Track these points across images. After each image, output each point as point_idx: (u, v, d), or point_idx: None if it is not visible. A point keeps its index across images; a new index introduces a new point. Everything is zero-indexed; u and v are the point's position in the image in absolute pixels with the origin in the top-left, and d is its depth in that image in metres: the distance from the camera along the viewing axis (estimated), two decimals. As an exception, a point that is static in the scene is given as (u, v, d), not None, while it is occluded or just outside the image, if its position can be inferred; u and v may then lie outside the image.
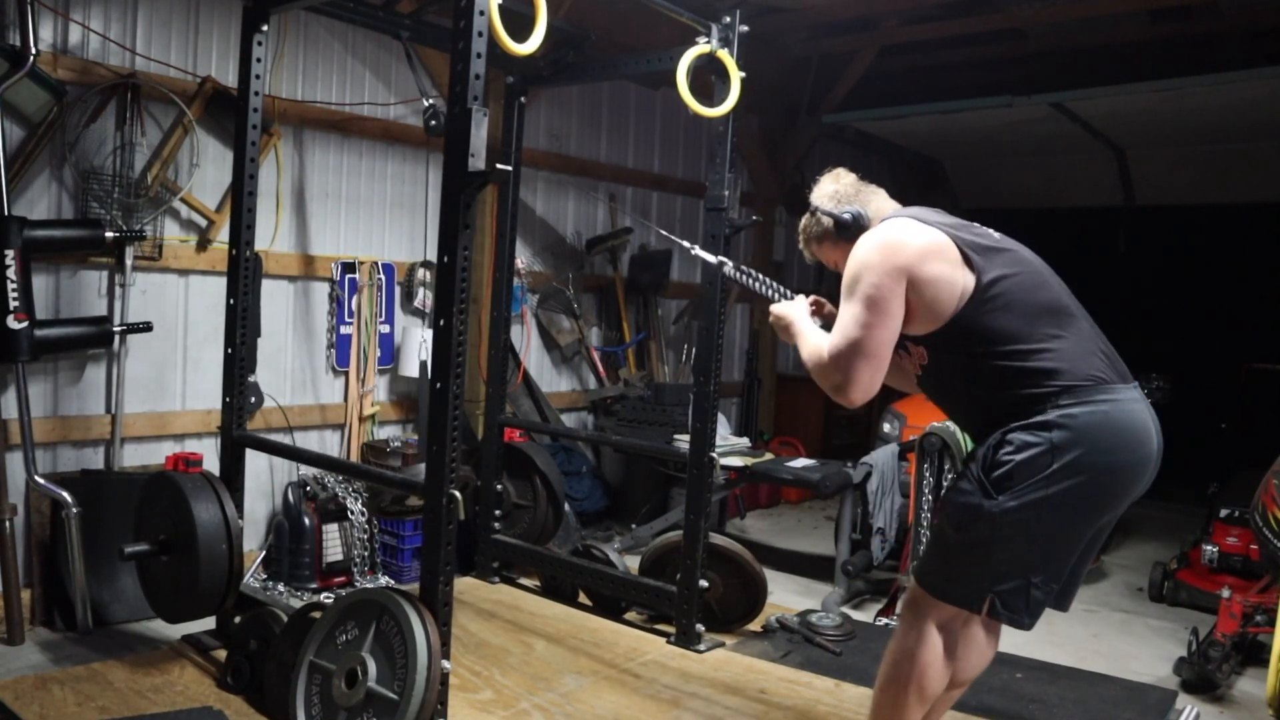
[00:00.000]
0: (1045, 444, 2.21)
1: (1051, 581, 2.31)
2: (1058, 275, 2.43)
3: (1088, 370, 2.26)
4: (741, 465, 4.84)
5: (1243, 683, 3.90)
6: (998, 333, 2.28)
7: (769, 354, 7.44)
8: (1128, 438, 2.26)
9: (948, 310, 2.29)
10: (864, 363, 2.29)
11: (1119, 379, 2.31)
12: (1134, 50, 6.23)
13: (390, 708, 2.58)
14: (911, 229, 2.34)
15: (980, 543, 2.28)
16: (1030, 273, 2.36)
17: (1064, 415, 2.22)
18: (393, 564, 4.56)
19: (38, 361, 3.70)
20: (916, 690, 2.38)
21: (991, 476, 2.26)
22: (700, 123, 3.99)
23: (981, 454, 2.32)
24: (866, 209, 2.50)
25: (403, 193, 4.98)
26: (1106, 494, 2.29)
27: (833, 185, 2.57)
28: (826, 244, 2.59)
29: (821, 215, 2.55)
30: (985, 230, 2.44)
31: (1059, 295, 2.37)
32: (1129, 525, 6.29)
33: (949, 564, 2.37)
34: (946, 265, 2.29)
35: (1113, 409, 2.25)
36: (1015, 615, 2.31)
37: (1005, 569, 2.27)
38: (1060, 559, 2.32)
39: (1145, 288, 9.04)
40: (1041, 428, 2.23)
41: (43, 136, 3.69)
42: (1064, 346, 2.28)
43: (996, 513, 2.24)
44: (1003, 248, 2.38)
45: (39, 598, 3.73)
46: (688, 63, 3.57)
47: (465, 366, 2.79)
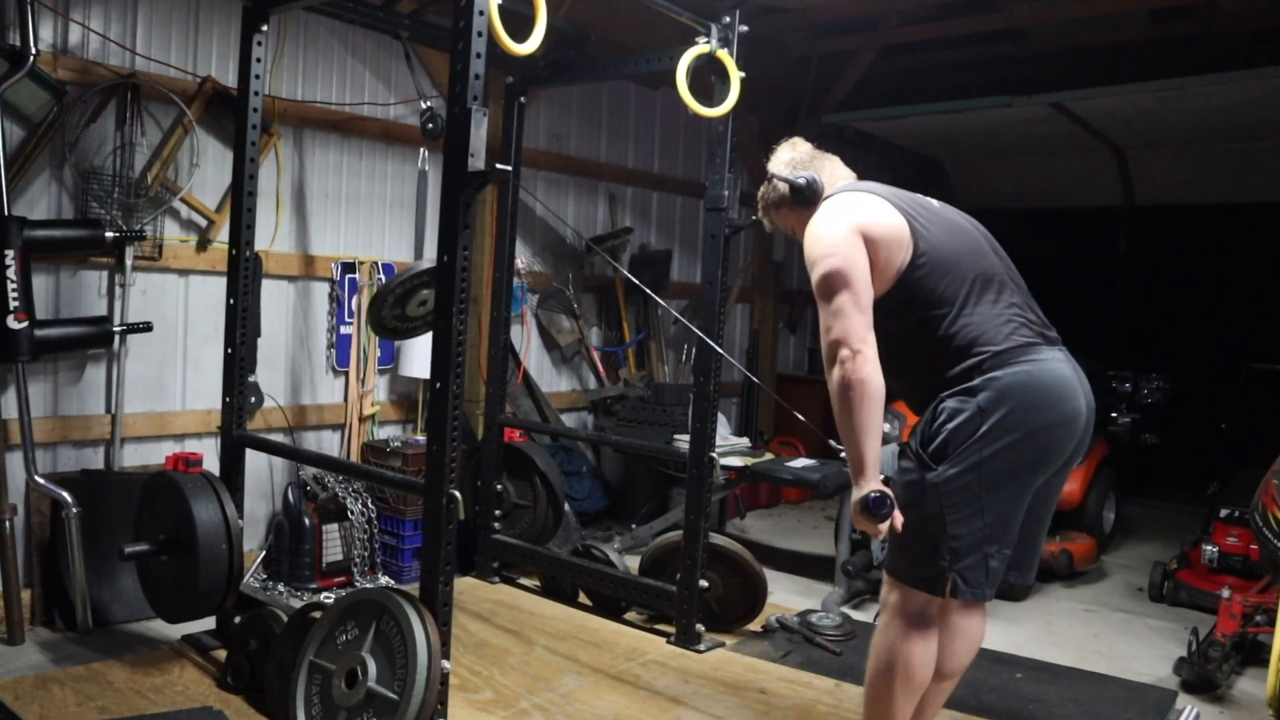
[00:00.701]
0: (973, 408, 2.32)
1: (1005, 548, 2.39)
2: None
3: (1012, 334, 2.37)
4: (741, 465, 4.84)
5: (1243, 683, 3.89)
6: (929, 298, 2.38)
7: (769, 354, 7.44)
8: (1051, 394, 2.35)
9: (891, 271, 2.39)
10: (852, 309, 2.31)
11: (1044, 341, 2.41)
12: (1134, 50, 6.23)
13: (390, 708, 2.58)
14: (860, 197, 2.47)
15: (932, 518, 2.34)
16: (964, 238, 2.48)
17: (987, 379, 2.33)
18: (393, 564, 4.56)
19: (38, 361, 3.70)
20: (903, 682, 2.43)
21: (929, 450, 2.37)
22: (700, 123, 3.99)
23: (918, 429, 2.42)
24: (821, 175, 2.61)
25: (403, 193, 4.98)
26: (1040, 451, 2.36)
27: (789, 153, 2.69)
28: (784, 209, 2.69)
29: (778, 182, 2.64)
30: (924, 199, 2.55)
31: (991, 263, 2.47)
32: (1129, 525, 6.29)
33: (909, 548, 2.42)
34: (893, 226, 2.40)
35: (1034, 368, 2.35)
36: (977, 589, 2.38)
37: (960, 544, 2.34)
38: (1008, 522, 2.38)
39: (1145, 288, 9.04)
40: (968, 393, 2.34)
41: (43, 136, 3.69)
42: (991, 312, 2.38)
43: (939, 483, 2.33)
44: (939, 214, 2.50)
45: (39, 598, 3.73)
46: (687, 63, 3.57)
47: (465, 366, 2.79)
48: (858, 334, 2.29)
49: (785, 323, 7.85)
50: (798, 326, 8.02)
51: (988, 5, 5.71)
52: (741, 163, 6.85)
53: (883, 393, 2.30)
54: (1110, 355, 6.68)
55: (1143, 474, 6.90)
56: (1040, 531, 2.56)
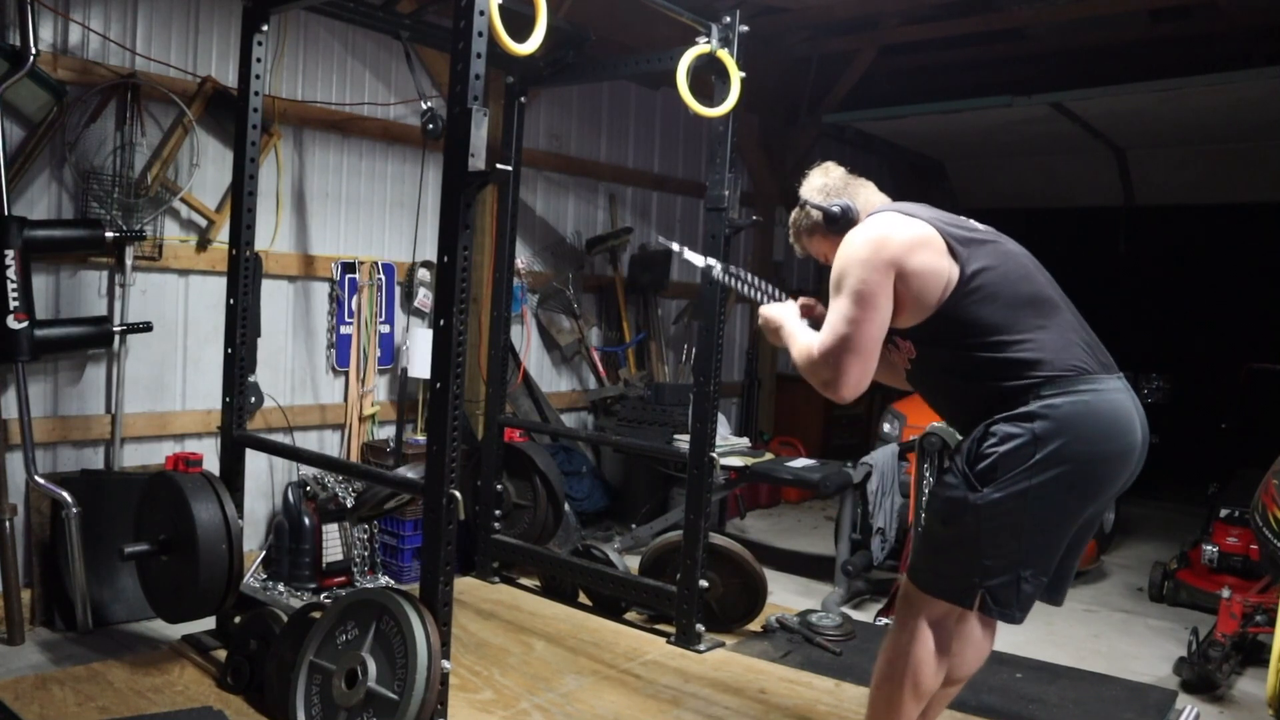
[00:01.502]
0: (1028, 434, 2.23)
1: (1040, 574, 2.32)
2: (1045, 268, 2.45)
3: (1070, 360, 2.28)
4: (741, 465, 4.84)
5: (1243, 683, 3.89)
6: (981, 324, 2.30)
7: (769, 354, 7.44)
8: (1110, 427, 2.27)
9: (933, 301, 2.31)
10: (853, 358, 2.30)
11: (1102, 369, 2.32)
12: (1134, 50, 6.23)
13: (390, 708, 2.58)
14: (898, 222, 2.36)
15: (968, 536, 2.29)
16: (1013, 264, 2.38)
17: (1046, 405, 2.23)
18: (393, 564, 4.56)
19: (38, 361, 3.70)
20: (911, 687, 2.40)
21: (976, 469, 2.28)
22: (700, 123, 3.99)
23: (966, 447, 2.34)
24: (855, 202, 2.53)
25: (403, 193, 4.98)
26: (1091, 484, 2.29)
27: (821, 179, 2.60)
28: (816, 237, 2.61)
29: (811, 209, 2.57)
30: (970, 222, 2.46)
31: (1042, 286, 2.39)
32: (1129, 525, 6.29)
33: (938, 559, 2.38)
34: (932, 256, 2.30)
35: (1094, 398, 2.26)
36: (1006, 609, 2.31)
37: (993, 562, 2.28)
38: (1048, 550, 2.32)
39: (1145, 288, 9.05)
40: (1024, 419, 2.24)
41: (43, 136, 3.69)
42: (1046, 337, 2.30)
43: (982, 505, 2.26)
44: (986, 239, 2.40)
45: (39, 598, 3.73)
46: (688, 63, 3.57)
47: (465, 366, 2.79)
48: (852, 382, 2.31)
49: (785, 323, 7.84)
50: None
51: (988, 5, 5.71)
52: (741, 163, 6.86)
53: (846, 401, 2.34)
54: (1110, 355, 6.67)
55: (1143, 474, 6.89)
56: (1077, 555, 2.48)
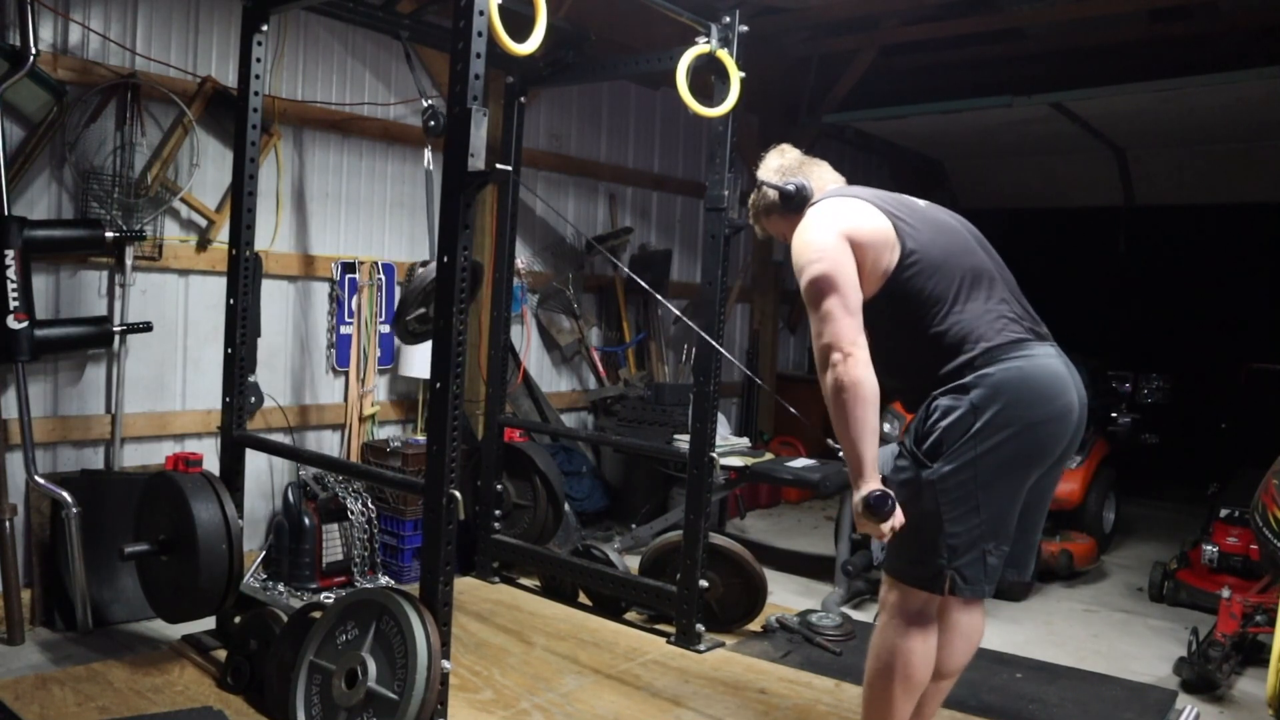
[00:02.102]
0: (966, 405, 2.33)
1: (1002, 544, 2.40)
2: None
3: (1002, 331, 2.38)
4: (741, 465, 4.84)
5: (1243, 683, 3.89)
6: (920, 298, 2.39)
7: (769, 354, 7.44)
8: (1044, 389, 2.36)
9: (879, 275, 2.40)
10: (842, 316, 2.32)
11: (1034, 337, 2.42)
12: (1134, 50, 6.23)
13: (390, 708, 2.58)
14: (846, 202, 2.48)
15: (929, 515, 2.35)
16: (951, 238, 2.48)
17: (979, 375, 2.34)
18: (393, 564, 4.56)
19: (38, 361, 3.70)
20: (902, 681, 2.44)
21: (923, 447, 2.37)
22: (700, 123, 3.99)
23: (913, 427, 2.42)
24: (809, 180, 2.63)
25: (403, 193, 4.98)
26: (1033, 446, 2.37)
27: (778, 160, 2.70)
28: (774, 216, 2.71)
29: (767, 189, 2.66)
30: (911, 200, 2.56)
31: (980, 259, 2.49)
32: (1129, 525, 6.29)
33: (907, 546, 2.42)
34: (878, 233, 2.41)
35: (1026, 364, 2.36)
36: (975, 585, 2.39)
37: (957, 541, 2.35)
38: (1004, 519, 2.39)
39: (1145, 288, 9.04)
40: (961, 390, 2.35)
41: (43, 136, 3.69)
42: (981, 309, 2.39)
43: (935, 480, 2.33)
44: (926, 215, 2.51)
45: (39, 598, 3.73)
46: (687, 63, 3.57)
47: (465, 366, 2.79)
48: (848, 337, 2.31)
49: (785, 323, 7.85)
50: (798, 326, 8.01)
51: (988, 5, 5.71)
52: (741, 163, 6.85)
53: (877, 392, 2.30)
54: (1110, 355, 6.68)
55: (1143, 474, 6.90)
56: (1036, 528, 2.57)
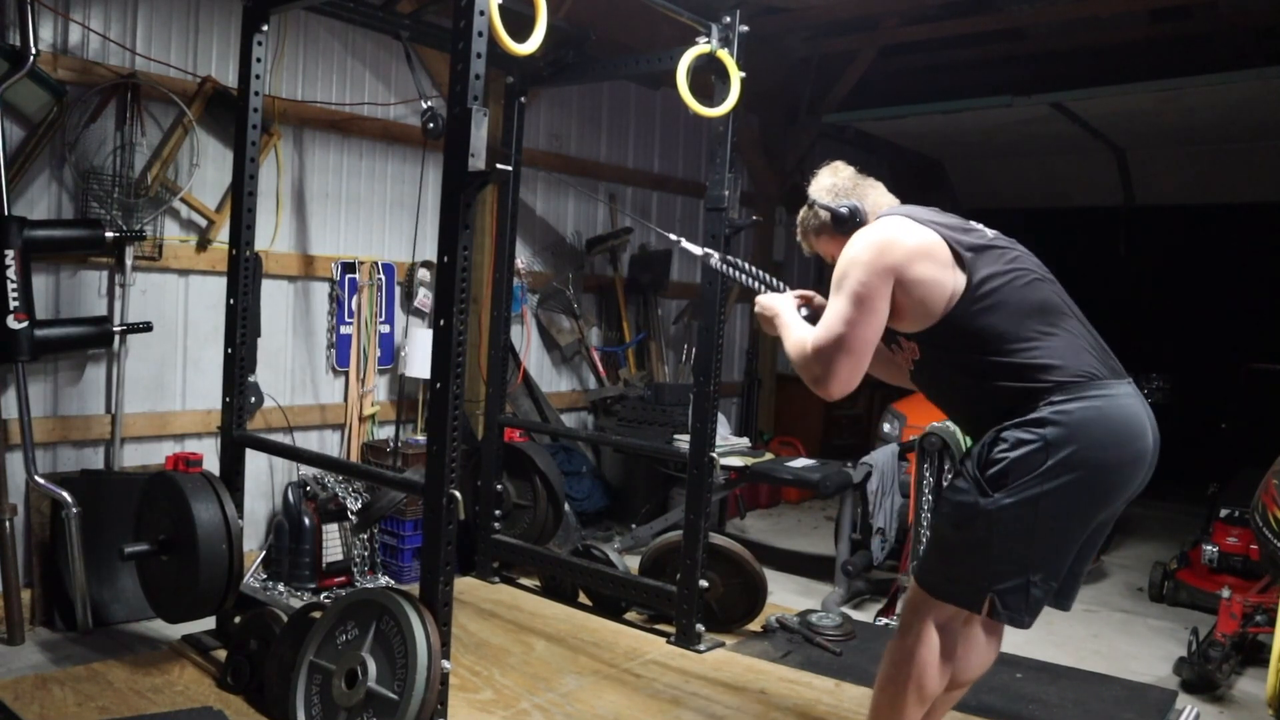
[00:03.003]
0: (1040, 440, 2.21)
1: (1050, 580, 2.31)
2: (1051, 272, 2.43)
3: (1080, 366, 2.27)
4: (741, 465, 4.84)
5: (1243, 683, 3.89)
6: (988, 332, 2.29)
7: (769, 354, 7.43)
8: (1122, 433, 2.26)
9: (938, 310, 2.30)
10: (845, 358, 2.30)
11: (1112, 375, 2.31)
12: (1134, 50, 6.23)
13: (390, 708, 2.58)
14: (905, 228, 2.34)
15: (978, 541, 2.27)
16: (1020, 271, 2.35)
17: (1057, 411, 2.22)
18: (393, 564, 4.56)
19: (38, 361, 3.70)
20: (915, 690, 2.38)
21: (987, 474, 2.26)
22: (700, 123, 3.99)
23: (977, 452, 2.32)
24: (864, 203, 2.50)
25: (403, 193, 4.98)
26: (1102, 490, 2.28)
27: (830, 179, 2.58)
28: (824, 237, 2.58)
29: (819, 209, 2.55)
30: (979, 228, 2.44)
31: (1051, 293, 2.37)
32: (1129, 525, 6.29)
33: (948, 563, 2.36)
34: (936, 266, 2.29)
35: (1106, 404, 2.24)
36: (1015, 614, 2.30)
37: (1004, 568, 2.26)
38: (1058, 556, 2.31)
39: (1145, 288, 9.05)
40: (1036, 424, 2.23)
41: (43, 136, 3.69)
42: (1056, 344, 2.28)
43: (993, 510, 2.24)
44: (995, 245, 2.37)
45: (39, 598, 3.73)
46: (688, 63, 3.57)
47: (465, 366, 2.79)
48: (841, 380, 2.31)
49: (785, 323, 7.84)
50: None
51: (988, 5, 5.71)
52: (741, 163, 6.86)
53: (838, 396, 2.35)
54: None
55: (1143, 474, 6.89)
56: (1087, 560, 2.47)
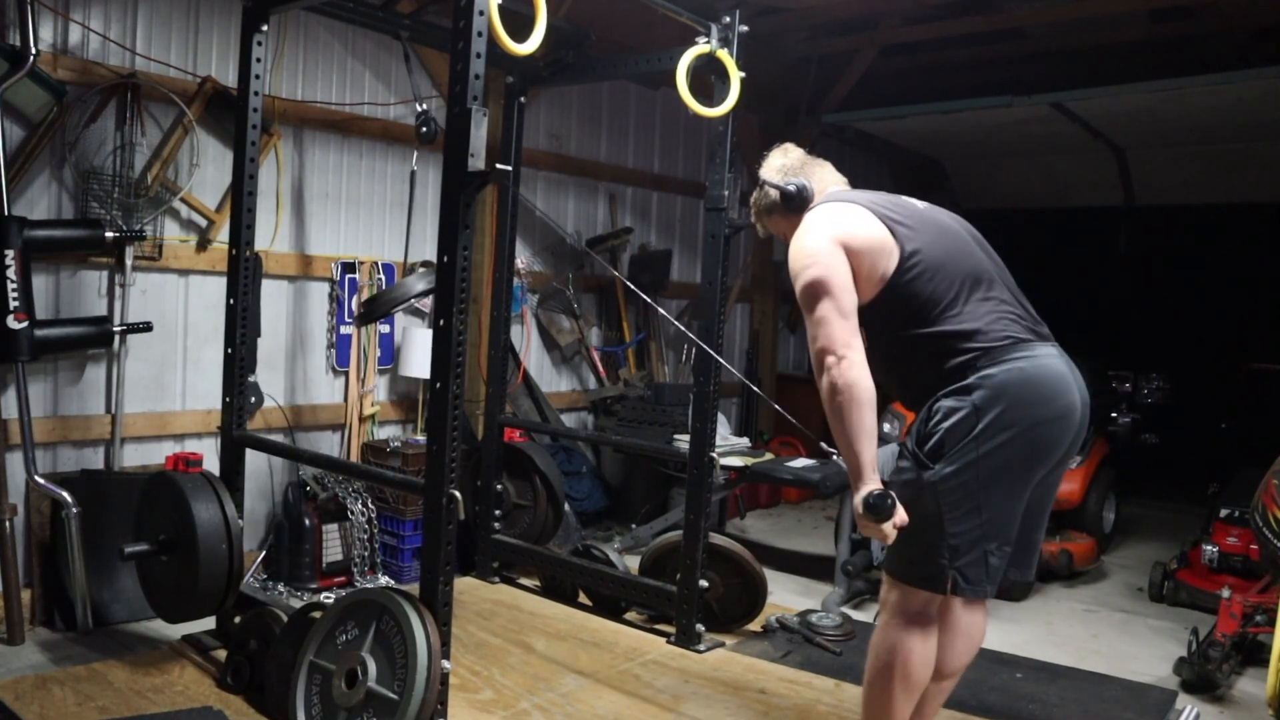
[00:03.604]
0: (969, 406, 2.33)
1: (1005, 545, 2.40)
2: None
3: (1003, 331, 2.38)
4: (741, 465, 4.84)
5: (1243, 683, 3.89)
6: (918, 300, 2.39)
7: (769, 354, 7.44)
8: (1045, 390, 2.36)
9: (877, 279, 2.40)
10: (835, 316, 2.33)
11: (1036, 337, 2.42)
12: (1134, 50, 6.22)
13: (390, 708, 2.58)
14: (839, 209, 2.48)
15: (930, 517, 2.35)
16: (950, 240, 2.48)
17: (982, 376, 2.34)
18: (393, 564, 4.56)
19: (38, 361, 3.70)
20: (902, 680, 2.44)
21: (925, 448, 2.38)
22: (700, 123, 3.99)
23: (915, 428, 2.43)
24: (811, 181, 2.63)
25: (403, 192, 4.97)
26: (1036, 447, 2.37)
27: (780, 159, 2.71)
28: (775, 216, 2.71)
29: (769, 188, 2.66)
30: (912, 202, 2.56)
31: (980, 260, 2.49)
32: (1129, 525, 6.29)
33: (906, 545, 2.42)
34: (872, 240, 2.41)
35: (1028, 364, 2.36)
36: (977, 586, 2.38)
37: (959, 541, 2.34)
38: (1007, 519, 2.39)
39: (1145, 288, 9.04)
40: (963, 391, 2.35)
41: (43, 136, 3.69)
42: (980, 310, 2.39)
43: (936, 481, 2.33)
44: (925, 217, 2.51)
45: (39, 598, 3.73)
46: (687, 63, 3.57)
47: (465, 366, 2.79)
48: (842, 339, 2.32)
49: (785, 323, 7.85)
50: (798, 326, 8.02)
51: (988, 5, 5.71)
52: (741, 163, 6.85)
53: (873, 394, 2.31)
54: (1110, 355, 6.68)
55: (1143, 474, 6.90)
56: (1039, 528, 2.57)
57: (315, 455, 4.21)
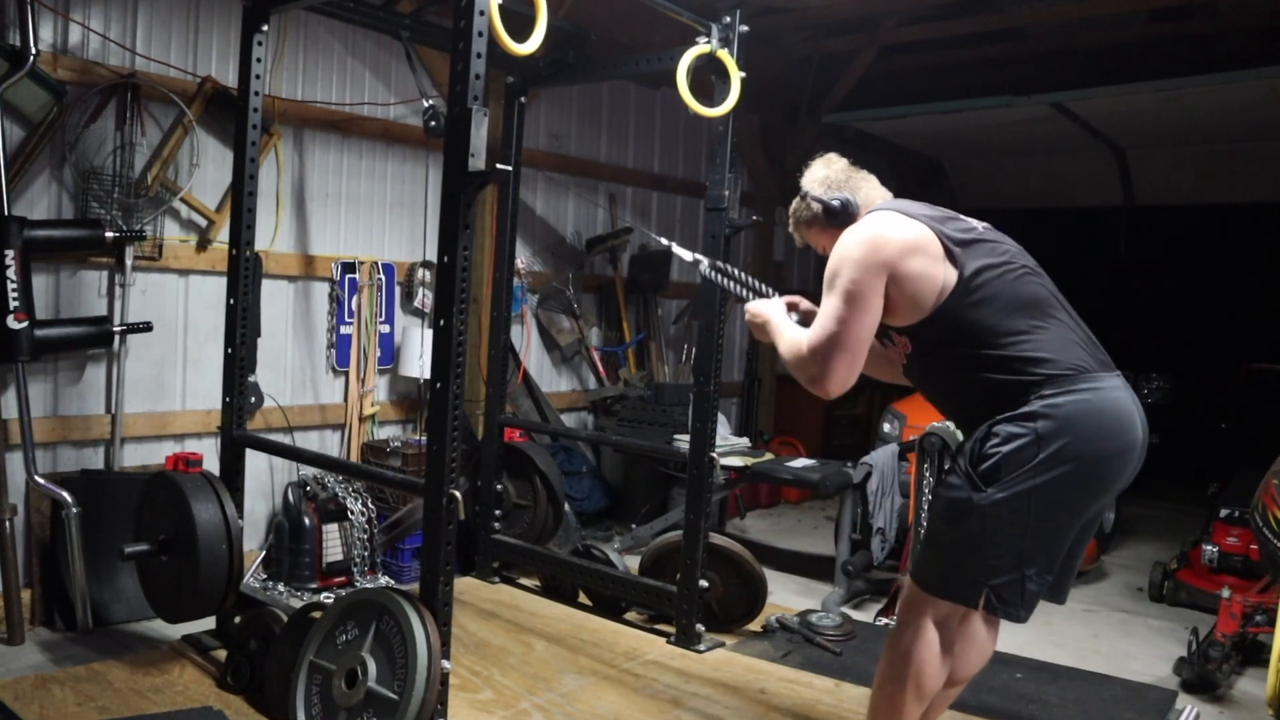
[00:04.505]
0: (1031, 434, 2.23)
1: (1045, 573, 2.32)
2: (1042, 267, 2.45)
3: (1070, 359, 2.29)
4: (741, 465, 4.84)
5: (1243, 683, 3.89)
6: (979, 325, 2.30)
7: (769, 354, 7.43)
8: (1112, 425, 2.28)
9: (929, 304, 2.31)
10: (841, 355, 2.31)
11: (1101, 368, 2.33)
12: (1134, 50, 6.22)
13: (390, 708, 2.58)
14: (896, 223, 2.35)
15: (972, 536, 2.29)
16: (1011, 265, 2.37)
17: (1048, 405, 2.24)
18: (393, 564, 4.56)
19: (38, 361, 3.70)
20: (914, 688, 2.39)
21: (979, 469, 2.28)
22: (700, 123, 3.99)
23: (969, 448, 2.34)
24: (856, 196, 2.52)
25: (403, 193, 4.98)
26: (1094, 482, 2.30)
27: (824, 170, 2.59)
28: (815, 229, 2.60)
29: (811, 200, 2.56)
30: (970, 221, 2.45)
31: (1040, 287, 2.39)
32: (1129, 525, 6.29)
33: (943, 560, 2.37)
34: (928, 260, 2.30)
35: (1095, 397, 2.26)
36: (1011, 609, 2.31)
37: (998, 562, 2.28)
38: (1052, 549, 2.33)
39: (1145, 288, 9.05)
40: (1026, 418, 2.25)
41: (43, 136, 3.68)
42: (1045, 337, 2.30)
43: (986, 505, 2.25)
44: (985, 239, 2.39)
45: (39, 598, 3.73)
46: (688, 63, 3.57)
47: (465, 366, 2.79)
48: (838, 379, 2.31)
49: (785, 323, 7.84)
50: (797, 326, 8.01)
51: (988, 5, 5.71)
52: (741, 163, 6.86)
53: None
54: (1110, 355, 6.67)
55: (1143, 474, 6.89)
56: (1079, 554, 2.48)
57: (315, 455, 4.21)
